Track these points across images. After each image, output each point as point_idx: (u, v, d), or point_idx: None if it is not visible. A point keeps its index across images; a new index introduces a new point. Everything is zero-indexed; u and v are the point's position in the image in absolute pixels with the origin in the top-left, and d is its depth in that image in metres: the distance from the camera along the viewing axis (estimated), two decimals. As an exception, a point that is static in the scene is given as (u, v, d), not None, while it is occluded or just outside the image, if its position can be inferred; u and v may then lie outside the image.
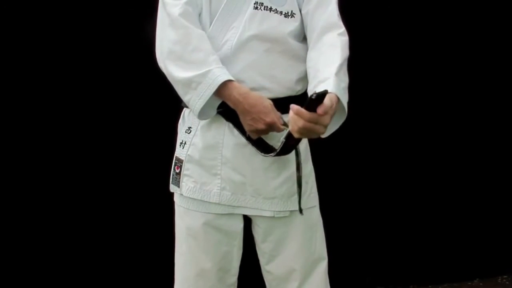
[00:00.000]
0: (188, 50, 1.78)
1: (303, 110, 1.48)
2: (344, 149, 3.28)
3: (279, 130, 1.82)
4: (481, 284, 3.55)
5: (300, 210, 1.89)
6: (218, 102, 1.84)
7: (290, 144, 1.78)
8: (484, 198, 3.54)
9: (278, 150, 1.81)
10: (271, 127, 1.80)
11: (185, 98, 1.82)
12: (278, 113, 1.83)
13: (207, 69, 1.77)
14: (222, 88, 1.78)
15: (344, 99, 1.68)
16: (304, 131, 1.51)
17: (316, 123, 1.49)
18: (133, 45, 2.88)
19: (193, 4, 1.84)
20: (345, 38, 1.84)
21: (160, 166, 2.30)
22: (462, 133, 3.47)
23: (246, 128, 1.82)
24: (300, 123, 1.49)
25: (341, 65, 1.74)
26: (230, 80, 1.78)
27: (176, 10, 1.81)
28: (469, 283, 3.55)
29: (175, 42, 1.80)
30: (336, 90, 1.63)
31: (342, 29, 1.85)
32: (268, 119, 1.79)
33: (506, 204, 3.58)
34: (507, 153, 3.55)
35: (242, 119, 1.82)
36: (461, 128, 3.47)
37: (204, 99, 1.78)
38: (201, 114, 1.83)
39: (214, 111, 1.86)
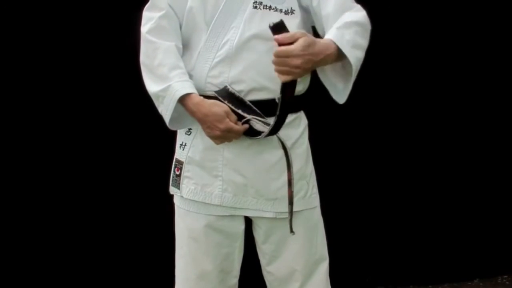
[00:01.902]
0: (154, 65, 1.87)
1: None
2: (345, 150, 3.27)
3: (240, 132, 1.82)
4: (481, 284, 3.54)
5: (291, 229, 1.88)
6: (186, 113, 1.88)
7: (287, 96, 1.75)
8: (484, 198, 3.53)
9: (277, 112, 1.77)
10: (229, 132, 1.81)
11: (158, 109, 1.89)
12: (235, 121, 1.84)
13: (168, 84, 1.83)
14: (182, 101, 1.83)
15: (348, 50, 1.70)
16: (278, 68, 1.62)
17: (286, 56, 1.60)
18: (134, 47, 2.87)
19: (169, 16, 1.89)
20: (361, 13, 1.83)
21: (160, 168, 2.30)
22: (462, 133, 3.46)
23: (206, 135, 1.86)
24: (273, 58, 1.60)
25: (348, 23, 1.76)
26: (188, 93, 1.82)
27: (146, 27, 1.89)
28: (469, 283, 3.55)
29: (146, 56, 1.89)
30: (334, 37, 1.69)
31: (356, 6, 1.85)
32: (222, 126, 1.81)
33: (506, 204, 3.57)
34: (507, 153, 3.54)
35: (201, 127, 1.86)
36: (461, 128, 3.46)
37: (169, 112, 1.84)
38: (173, 125, 1.90)
39: (190, 120, 1.90)
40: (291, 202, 1.87)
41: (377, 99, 3.29)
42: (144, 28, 1.90)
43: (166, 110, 1.85)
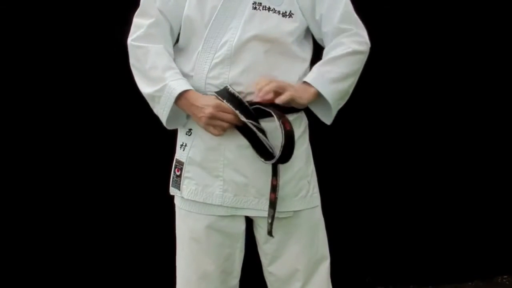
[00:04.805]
0: (146, 68, 1.89)
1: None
2: (345, 150, 3.27)
3: (229, 111, 1.82)
4: (481, 284, 3.54)
5: (270, 233, 1.89)
6: (182, 111, 1.91)
7: (288, 133, 1.79)
8: (484, 198, 3.54)
9: (280, 152, 1.80)
10: (219, 109, 1.81)
11: (154, 110, 1.92)
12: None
13: (164, 83, 1.86)
14: (179, 99, 1.85)
15: (326, 87, 1.87)
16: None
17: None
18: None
19: (159, 24, 1.91)
20: (355, 38, 1.92)
21: (160, 169, 2.30)
22: (462, 133, 3.46)
23: (201, 122, 1.85)
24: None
25: (335, 57, 1.89)
26: (185, 90, 1.85)
27: (134, 35, 1.92)
28: (469, 283, 3.55)
29: (136, 60, 1.92)
30: (311, 80, 1.86)
31: (364, 39, 1.95)
32: (211, 103, 1.82)
33: (505, 204, 3.57)
34: (507, 153, 3.54)
35: (194, 118, 1.88)
36: (461, 128, 3.46)
37: (167, 110, 1.87)
38: (170, 124, 1.93)
39: (184, 119, 1.94)
40: (273, 207, 1.87)
41: (377, 99, 3.29)
42: (132, 36, 1.92)
43: (162, 109, 1.88)
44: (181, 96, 1.84)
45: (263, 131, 1.84)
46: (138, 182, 3.08)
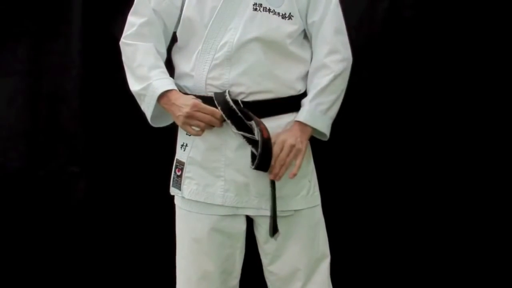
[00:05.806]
0: (134, 66, 1.92)
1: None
2: (346, 149, 3.27)
3: (208, 110, 1.83)
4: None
5: (274, 231, 1.92)
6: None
7: (264, 141, 1.82)
8: (485, 202, 3.52)
9: (257, 159, 1.83)
10: (196, 108, 1.83)
11: (141, 107, 1.94)
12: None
13: (148, 82, 1.88)
14: (161, 98, 1.87)
15: (320, 122, 1.92)
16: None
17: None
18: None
19: (151, 23, 1.94)
20: (342, 65, 1.94)
21: (160, 170, 2.30)
22: (463, 135, 3.46)
23: (179, 121, 1.88)
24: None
25: (322, 88, 1.91)
26: (168, 90, 1.87)
27: (126, 33, 1.95)
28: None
29: (126, 58, 1.96)
30: (306, 119, 1.89)
31: (341, 55, 1.94)
32: (190, 103, 1.83)
33: (506, 206, 3.56)
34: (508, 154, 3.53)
35: (173, 117, 1.90)
36: (461, 131, 3.45)
37: (151, 109, 1.90)
38: (155, 122, 1.97)
39: (170, 118, 1.96)
40: (274, 215, 1.88)
41: (377, 98, 3.28)
42: (125, 34, 1.96)
43: (147, 108, 1.90)
44: (163, 95, 1.87)
45: (254, 142, 1.84)
46: (138, 183, 3.08)
